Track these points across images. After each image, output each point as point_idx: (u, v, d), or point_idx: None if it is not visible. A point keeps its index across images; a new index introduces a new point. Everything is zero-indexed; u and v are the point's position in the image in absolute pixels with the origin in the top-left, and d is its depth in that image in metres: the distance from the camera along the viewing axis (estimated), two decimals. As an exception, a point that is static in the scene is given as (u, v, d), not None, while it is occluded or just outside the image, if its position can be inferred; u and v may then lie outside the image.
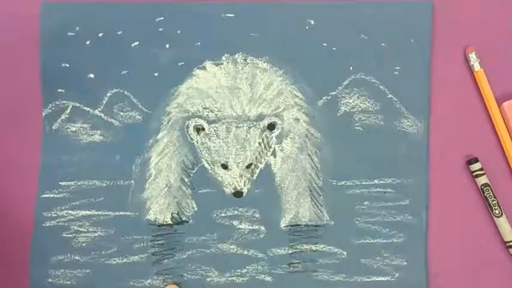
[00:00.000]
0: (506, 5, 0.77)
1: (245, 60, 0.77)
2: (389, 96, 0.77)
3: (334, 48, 0.77)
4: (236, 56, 0.77)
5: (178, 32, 0.78)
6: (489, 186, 0.75)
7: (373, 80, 0.77)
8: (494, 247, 0.76)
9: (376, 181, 0.76)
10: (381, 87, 0.77)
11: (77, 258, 0.77)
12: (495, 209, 0.74)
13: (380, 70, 0.77)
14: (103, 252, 0.77)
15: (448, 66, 0.77)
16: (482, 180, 0.75)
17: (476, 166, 0.75)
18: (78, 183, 0.77)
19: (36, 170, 0.78)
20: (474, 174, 0.75)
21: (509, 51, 0.77)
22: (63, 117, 0.78)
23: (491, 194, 0.74)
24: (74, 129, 0.78)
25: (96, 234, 0.77)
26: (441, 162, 0.76)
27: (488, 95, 0.75)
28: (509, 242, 0.75)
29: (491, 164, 0.76)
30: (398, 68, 0.77)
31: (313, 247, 0.76)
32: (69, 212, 0.77)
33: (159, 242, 0.77)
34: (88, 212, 0.77)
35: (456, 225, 0.76)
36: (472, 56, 0.75)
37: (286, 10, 0.77)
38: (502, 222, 0.75)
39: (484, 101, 0.76)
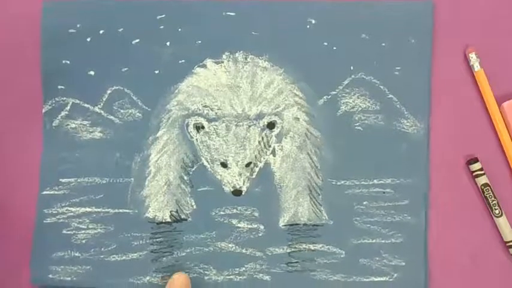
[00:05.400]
0: (506, 5, 0.77)
1: (246, 58, 0.77)
2: (390, 96, 0.76)
3: (334, 48, 0.77)
4: (237, 54, 0.77)
5: (179, 29, 0.78)
6: (489, 186, 0.74)
7: (373, 80, 0.77)
8: (494, 247, 0.76)
9: (375, 181, 0.76)
10: (381, 87, 0.76)
11: (77, 254, 0.77)
12: (495, 209, 0.74)
13: (380, 70, 0.76)
14: (103, 249, 0.77)
15: (448, 66, 0.77)
16: (482, 180, 0.75)
17: (476, 166, 0.75)
18: (78, 180, 0.77)
19: (36, 166, 0.78)
20: (474, 174, 0.75)
21: (509, 51, 0.77)
22: (63, 113, 0.78)
23: (491, 194, 0.74)
24: (73, 126, 0.78)
25: (95, 231, 0.77)
26: (441, 162, 0.76)
27: (488, 95, 0.75)
28: (509, 242, 0.74)
29: (491, 164, 0.76)
30: (398, 68, 0.76)
31: (312, 246, 0.76)
32: (69, 208, 0.77)
33: (157, 239, 0.77)
34: (88, 209, 0.77)
35: (456, 225, 0.76)
36: (472, 56, 0.75)
37: (287, 9, 0.77)
38: (502, 222, 0.74)
39: (484, 101, 0.76)
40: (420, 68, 0.76)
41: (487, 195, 0.74)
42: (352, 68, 0.77)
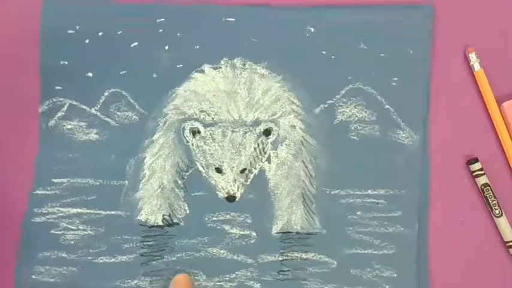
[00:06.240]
0: (506, 5, 0.77)
1: (244, 65, 0.77)
2: (386, 106, 0.76)
3: (333, 57, 0.77)
4: (235, 60, 0.77)
5: (178, 34, 0.78)
6: (489, 186, 0.74)
7: (370, 90, 0.76)
8: (494, 247, 0.75)
9: (369, 191, 0.75)
10: (378, 97, 0.76)
11: (63, 255, 0.76)
12: (495, 209, 0.74)
13: (378, 80, 0.76)
14: (91, 250, 0.76)
15: (448, 66, 0.77)
16: (482, 180, 0.74)
17: (476, 166, 0.74)
18: (71, 181, 0.77)
19: (32, 166, 0.78)
20: (474, 174, 0.75)
21: (509, 51, 0.77)
22: (59, 114, 0.78)
23: (491, 194, 0.74)
24: (70, 127, 0.78)
25: (85, 232, 0.76)
26: (441, 162, 0.76)
27: (488, 95, 0.75)
28: (509, 242, 0.74)
29: (491, 164, 0.75)
30: (396, 79, 0.76)
31: (304, 255, 0.75)
32: (60, 209, 0.76)
33: (148, 243, 0.76)
34: (79, 210, 0.76)
35: (456, 225, 0.75)
36: (472, 56, 0.75)
37: (286, 16, 0.78)
38: (502, 222, 0.74)
39: (484, 101, 0.76)
40: (418, 79, 0.76)
41: (487, 195, 0.74)
42: (350, 77, 0.77)
